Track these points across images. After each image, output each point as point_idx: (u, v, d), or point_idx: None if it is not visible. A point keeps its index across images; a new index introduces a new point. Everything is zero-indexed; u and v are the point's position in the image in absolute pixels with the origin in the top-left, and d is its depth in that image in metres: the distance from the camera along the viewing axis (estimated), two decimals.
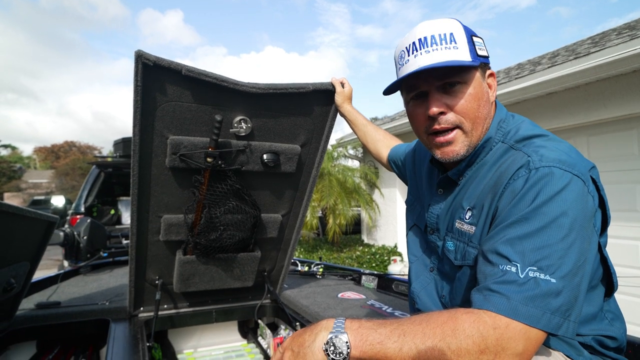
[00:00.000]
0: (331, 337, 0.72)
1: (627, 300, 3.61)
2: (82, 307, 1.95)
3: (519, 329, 0.66)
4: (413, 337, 0.67)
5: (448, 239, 0.96)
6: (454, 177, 0.95)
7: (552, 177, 0.73)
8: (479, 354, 0.64)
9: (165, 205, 1.69)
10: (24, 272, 1.67)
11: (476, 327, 0.66)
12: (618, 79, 3.65)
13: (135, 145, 1.49)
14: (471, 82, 0.85)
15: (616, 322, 0.89)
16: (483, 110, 0.88)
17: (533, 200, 0.73)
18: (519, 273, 0.69)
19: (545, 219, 0.71)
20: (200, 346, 2.24)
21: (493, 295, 0.69)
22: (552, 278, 0.68)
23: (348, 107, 1.61)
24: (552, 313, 0.67)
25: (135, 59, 1.31)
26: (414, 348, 0.66)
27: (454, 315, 0.68)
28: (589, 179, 0.77)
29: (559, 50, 5.53)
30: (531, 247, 0.70)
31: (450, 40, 0.85)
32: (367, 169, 8.03)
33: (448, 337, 0.65)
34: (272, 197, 1.87)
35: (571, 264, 0.70)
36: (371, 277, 2.50)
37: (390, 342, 0.68)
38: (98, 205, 5.34)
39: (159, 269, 1.88)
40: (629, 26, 4.59)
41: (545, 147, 0.80)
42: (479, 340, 0.64)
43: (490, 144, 0.90)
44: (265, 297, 2.17)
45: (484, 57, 0.88)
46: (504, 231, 0.75)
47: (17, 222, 1.46)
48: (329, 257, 7.18)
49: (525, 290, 0.67)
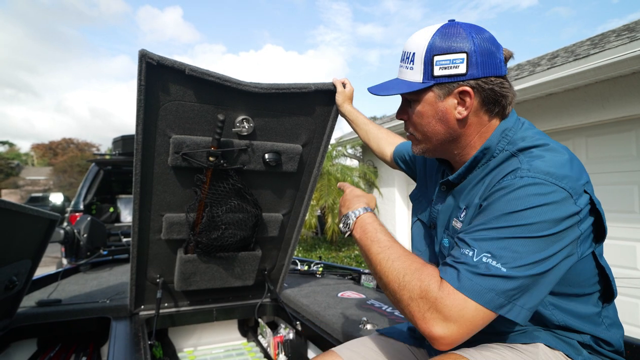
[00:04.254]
0: (349, 214, 0.99)
1: (624, 301, 3.63)
2: (83, 305, 1.96)
3: (460, 298, 0.73)
4: (391, 253, 0.86)
5: (444, 236, 0.99)
6: (454, 180, 0.98)
7: (532, 187, 0.77)
8: (418, 298, 0.77)
9: (167, 204, 1.70)
10: (26, 270, 1.67)
11: (430, 280, 0.78)
12: (617, 80, 3.67)
13: (138, 144, 1.49)
14: (421, 101, 0.93)
15: (613, 328, 0.92)
16: (437, 127, 0.93)
17: (507, 204, 0.77)
18: (474, 257, 0.76)
19: (514, 221, 0.76)
20: (200, 344, 2.25)
21: (448, 268, 0.78)
22: (503, 267, 0.73)
23: (349, 107, 1.62)
24: (496, 293, 0.73)
25: (139, 58, 1.32)
26: (385, 258, 0.85)
27: (425, 265, 0.82)
28: (579, 192, 0.78)
29: (558, 52, 5.55)
30: (491, 238, 0.76)
31: (411, 61, 0.92)
32: (366, 169, 8.04)
33: (410, 272, 0.81)
34: (274, 196, 1.88)
35: (528, 260, 0.74)
36: (371, 276, 2.52)
37: (375, 245, 0.89)
38: (97, 202, 5.34)
39: (160, 268, 1.89)
40: (628, 28, 4.61)
41: (540, 158, 0.82)
42: (425, 289, 0.77)
43: (491, 152, 0.92)
44: (265, 296, 2.18)
45: (445, 76, 0.88)
46: (476, 224, 0.81)
47: (19, 220, 1.46)
48: (327, 256, 7.20)
49: (475, 270, 0.74)
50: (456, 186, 0.98)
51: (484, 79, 0.87)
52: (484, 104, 0.90)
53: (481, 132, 0.93)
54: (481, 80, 0.87)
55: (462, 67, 0.88)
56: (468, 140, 0.94)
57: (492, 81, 0.88)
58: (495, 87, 0.88)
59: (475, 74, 0.87)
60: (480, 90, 0.88)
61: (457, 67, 0.88)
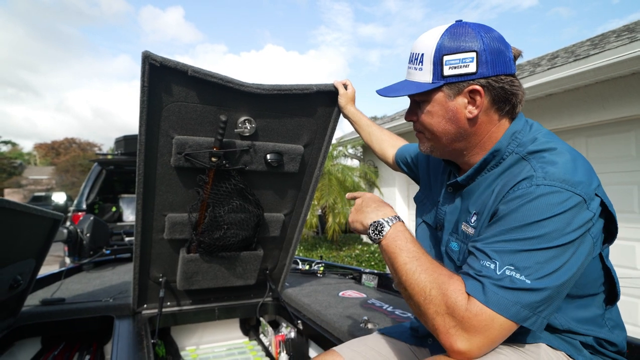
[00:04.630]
0: (381, 222, 0.93)
1: (624, 301, 3.64)
2: (87, 304, 1.97)
3: (487, 315, 0.73)
4: (419, 264, 0.83)
5: (452, 240, 0.99)
6: (463, 182, 0.97)
7: (550, 195, 0.77)
8: (445, 314, 0.76)
9: (169, 204, 1.70)
10: (30, 269, 1.68)
11: (457, 296, 0.76)
12: (617, 81, 3.67)
13: (141, 145, 1.50)
14: (431, 101, 0.93)
15: (616, 330, 0.92)
16: (447, 126, 0.93)
17: (527, 214, 0.77)
18: (497, 270, 0.75)
19: (534, 231, 0.75)
20: (202, 343, 2.26)
21: (472, 281, 0.77)
22: (527, 279, 0.73)
23: (352, 108, 1.62)
24: (522, 306, 0.73)
25: (142, 59, 1.32)
26: (412, 270, 0.83)
27: (452, 277, 0.80)
28: (592, 197, 0.79)
29: (558, 52, 5.54)
30: (513, 250, 0.76)
31: (419, 62, 0.93)
32: (367, 168, 8.04)
33: (436, 286, 0.79)
34: (275, 196, 1.88)
35: (549, 270, 0.74)
36: (372, 276, 2.52)
37: (404, 254, 0.86)
38: (100, 202, 5.35)
39: (163, 267, 1.90)
40: (628, 28, 4.61)
41: (553, 164, 0.81)
42: (452, 306, 0.76)
43: (501, 155, 0.92)
44: (267, 295, 2.19)
45: (455, 76, 0.89)
46: (494, 234, 0.80)
47: (23, 219, 1.47)
48: (328, 256, 7.21)
49: (499, 283, 0.74)
50: (464, 188, 0.98)
51: (494, 78, 0.87)
52: (495, 102, 0.90)
53: (491, 132, 0.93)
54: (491, 78, 0.87)
55: (472, 66, 0.88)
56: (478, 140, 0.93)
57: (502, 79, 0.88)
58: (505, 86, 0.88)
59: (485, 72, 0.87)
60: (490, 88, 0.88)
61: (467, 66, 0.88)
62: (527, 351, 0.85)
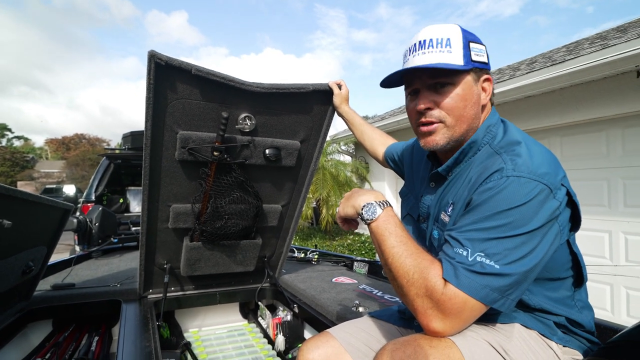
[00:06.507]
0: (374, 204, 0.91)
1: (595, 287, 3.68)
2: (95, 289, 1.95)
3: (460, 299, 0.74)
4: (406, 249, 0.83)
5: (434, 228, 0.99)
6: (443, 172, 0.97)
7: (519, 186, 0.77)
8: (424, 295, 0.77)
9: (174, 195, 1.69)
10: (42, 255, 1.66)
11: (436, 280, 0.77)
12: (590, 84, 3.68)
13: (147, 139, 1.48)
14: (460, 84, 0.89)
15: (585, 310, 0.93)
16: (470, 111, 0.90)
17: (497, 204, 0.77)
18: (468, 257, 0.76)
19: (503, 219, 0.76)
20: (204, 325, 2.25)
21: (448, 266, 0.78)
22: (497, 265, 0.74)
23: (346, 107, 1.61)
24: (491, 289, 0.74)
25: (148, 58, 1.30)
26: (399, 253, 0.83)
27: (433, 263, 0.80)
28: (558, 187, 0.79)
29: (536, 57, 5.55)
30: (484, 238, 0.76)
31: (446, 45, 0.88)
32: (359, 164, 8.04)
33: (419, 270, 0.79)
34: (273, 188, 1.87)
35: (517, 256, 0.75)
36: (362, 263, 2.53)
37: (392, 238, 0.85)
38: (108, 194, 5.29)
39: (168, 254, 1.88)
40: (601, 36, 4.62)
41: (522, 157, 0.82)
42: (430, 288, 0.76)
43: (477, 146, 0.92)
44: (265, 281, 2.19)
45: (480, 62, 0.90)
46: (467, 223, 0.80)
47: (35, 209, 1.45)
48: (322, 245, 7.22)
49: (471, 268, 0.75)
50: (444, 180, 0.98)
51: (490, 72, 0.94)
52: (492, 94, 0.95)
53: (477, 122, 0.93)
54: (491, 72, 0.93)
55: (485, 57, 0.92)
56: (472, 127, 0.93)
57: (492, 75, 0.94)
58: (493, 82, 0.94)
59: (489, 66, 0.92)
60: (492, 81, 0.94)
61: (484, 56, 0.91)
62: (501, 330, 0.86)
